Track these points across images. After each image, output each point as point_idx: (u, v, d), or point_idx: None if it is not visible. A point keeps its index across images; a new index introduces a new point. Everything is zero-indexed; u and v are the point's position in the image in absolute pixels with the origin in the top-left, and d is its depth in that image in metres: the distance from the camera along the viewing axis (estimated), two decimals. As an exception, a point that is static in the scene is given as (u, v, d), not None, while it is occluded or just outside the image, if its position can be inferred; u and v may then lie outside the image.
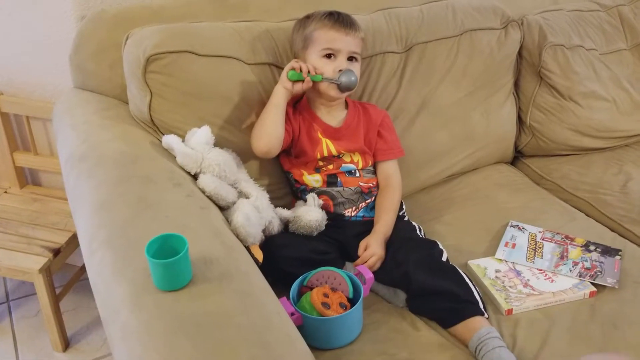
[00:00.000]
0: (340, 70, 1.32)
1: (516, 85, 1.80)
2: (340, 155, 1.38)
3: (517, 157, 1.86)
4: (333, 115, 1.40)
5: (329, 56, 1.33)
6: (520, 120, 1.81)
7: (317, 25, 1.33)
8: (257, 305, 0.90)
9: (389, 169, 1.43)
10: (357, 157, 1.39)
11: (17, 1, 1.58)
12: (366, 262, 1.26)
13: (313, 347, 0.99)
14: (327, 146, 1.37)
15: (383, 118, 1.45)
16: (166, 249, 0.89)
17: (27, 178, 1.89)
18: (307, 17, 1.37)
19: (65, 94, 1.50)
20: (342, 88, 1.33)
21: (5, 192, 1.84)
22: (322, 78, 1.31)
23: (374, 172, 1.43)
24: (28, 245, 1.62)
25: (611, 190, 1.61)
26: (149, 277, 0.89)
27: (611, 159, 1.76)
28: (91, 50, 1.43)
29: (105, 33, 1.42)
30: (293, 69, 1.29)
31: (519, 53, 1.76)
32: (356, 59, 1.36)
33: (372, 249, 1.27)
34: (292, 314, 1.10)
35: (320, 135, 1.38)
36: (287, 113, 1.36)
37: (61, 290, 1.71)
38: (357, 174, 1.38)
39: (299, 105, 1.41)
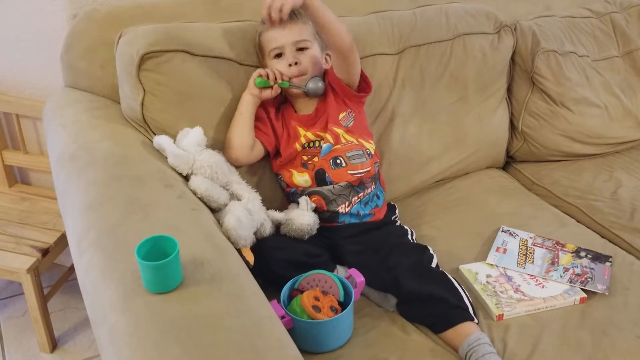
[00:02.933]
0: (291, 64, 1.32)
1: (509, 90, 1.80)
2: (321, 142, 1.36)
3: (509, 163, 1.86)
4: (307, 103, 1.40)
5: (278, 55, 1.34)
6: (512, 126, 1.81)
7: (259, 31, 1.37)
8: (247, 309, 0.89)
9: None
10: (330, 136, 1.36)
11: (8, -2, 1.57)
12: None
13: (303, 351, 0.98)
14: (305, 135, 1.37)
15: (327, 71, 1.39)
16: (157, 251, 0.89)
17: (16, 177, 1.87)
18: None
19: (55, 92, 1.49)
20: (309, 94, 1.35)
21: (-6, 190, 1.83)
22: (290, 85, 1.32)
23: (364, 153, 1.38)
24: (16, 245, 1.60)
25: (602, 196, 1.62)
26: (139, 279, 0.88)
27: (602, 165, 1.77)
28: (82, 49, 1.42)
29: (96, 32, 1.41)
30: (260, 76, 1.30)
31: (512, 58, 1.76)
32: (306, 47, 1.35)
33: None
34: (282, 317, 1.09)
35: (298, 128, 1.38)
36: (269, 117, 1.38)
37: (49, 290, 1.70)
38: (344, 163, 1.35)
39: (282, 106, 1.42)
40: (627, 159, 1.81)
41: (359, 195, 1.37)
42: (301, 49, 1.35)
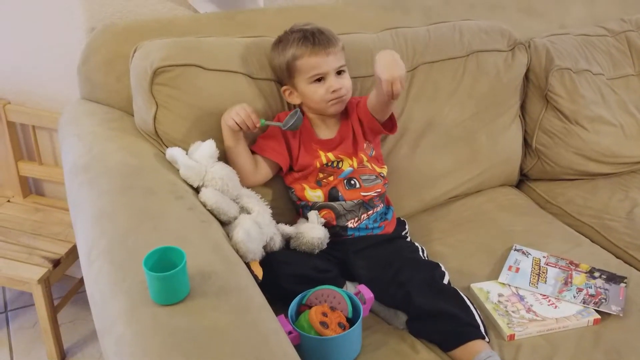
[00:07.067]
0: (335, 90, 1.32)
1: (522, 108, 1.79)
2: (339, 164, 1.37)
3: (522, 180, 1.85)
4: (329, 128, 1.40)
5: (318, 80, 1.33)
6: (526, 143, 1.80)
7: (295, 52, 1.32)
8: (254, 322, 0.88)
9: None
10: (355, 161, 1.38)
11: (27, 11, 1.60)
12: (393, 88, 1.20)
13: (310, 367, 0.98)
14: (326, 155, 1.37)
15: (358, 103, 1.40)
16: (164, 262, 0.89)
17: (30, 188, 1.89)
18: (280, 41, 1.36)
19: (72, 104, 1.51)
20: (287, 129, 1.34)
21: (8, 201, 1.84)
22: (264, 122, 1.32)
23: (377, 177, 1.40)
24: (29, 255, 1.61)
25: (617, 216, 1.59)
26: (146, 290, 0.88)
27: (617, 184, 1.75)
28: (100, 61, 1.44)
29: (114, 45, 1.43)
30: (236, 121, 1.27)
31: (526, 76, 1.75)
32: (344, 71, 1.36)
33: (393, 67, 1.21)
34: (289, 333, 1.08)
35: (319, 150, 1.38)
36: (285, 134, 1.37)
37: (59, 301, 1.70)
38: (357, 185, 1.37)
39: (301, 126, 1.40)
40: (643, 178, 1.78)
41: (368, 212, 1.38)
42: (340, 73, 1.35)
